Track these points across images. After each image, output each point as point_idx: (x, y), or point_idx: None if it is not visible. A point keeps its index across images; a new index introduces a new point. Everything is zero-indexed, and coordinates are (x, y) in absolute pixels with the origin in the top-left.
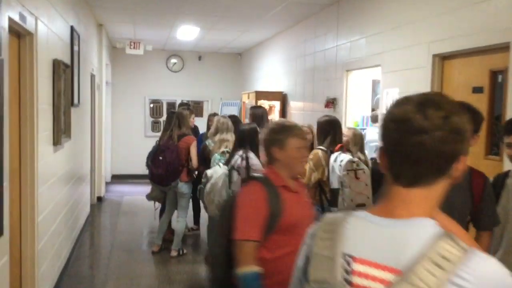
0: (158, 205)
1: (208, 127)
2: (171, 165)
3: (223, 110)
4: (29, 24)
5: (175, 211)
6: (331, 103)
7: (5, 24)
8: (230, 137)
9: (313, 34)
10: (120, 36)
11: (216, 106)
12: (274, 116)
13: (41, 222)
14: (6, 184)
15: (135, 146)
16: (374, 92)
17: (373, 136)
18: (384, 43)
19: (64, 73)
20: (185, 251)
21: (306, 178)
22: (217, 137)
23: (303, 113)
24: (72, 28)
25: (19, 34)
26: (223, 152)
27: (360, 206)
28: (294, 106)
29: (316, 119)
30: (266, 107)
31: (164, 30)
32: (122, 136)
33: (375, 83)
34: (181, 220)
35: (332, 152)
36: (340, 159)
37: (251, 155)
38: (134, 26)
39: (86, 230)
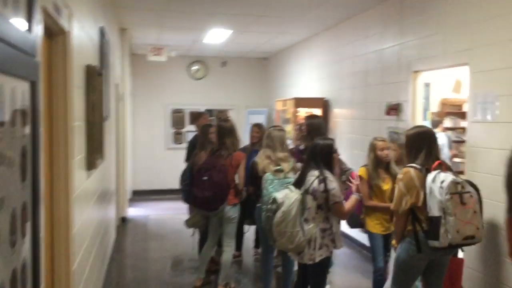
0: (192, 230)
1: (252, 140)
2: (219, 187)
3: (250, 119)
4: (64, 19)
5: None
6: (394, 109)
7: (39, 14)
8: (284, 154)
9: (363, 34)
10: (142, 42)
11: (242, 115)
12: None
13: (76, 269)
14: (41, 234)
15: (156, 159)
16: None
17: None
18: (472, 37)
19: (97, 82)
20: (233, 285)
21: (394, 203)
22: (268, 153)
23: (352, 122)
24: (101, 30)
25: (51, 32)
26: (277, 171)
27: (469, 239)
28: (339, 113)
29: (370, 127)
30: (303, 115)
31: (191, 34)
32: (143, 149)
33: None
34: (228, 250)
35: (428, 170)
36: (440, 179)
37: (329, 175)
38: (159, 30)
39: (114, 260)
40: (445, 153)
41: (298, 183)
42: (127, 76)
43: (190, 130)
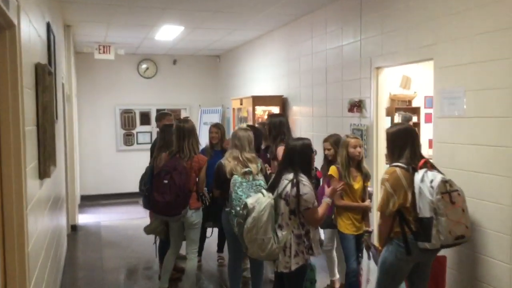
0: (153, 238)
1: (210, 141)
2: (181, 190)
3: (203, 118)
4: (12, 11)
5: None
6: (357, 106)
7: None
8: (252, 155)
9: (321, 30)
10: (88, 39)
11: (195, 114)
12: None
13: None
14: None
15: (106, 162)
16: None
17: None
18: (438, 32)
19: (48, 81)
20: None
21: (380, 205)
22: (236, 154)
23: (311, 119)
24: (48, 26)
25: None
26: (245, 173)
27: (460, 238)
28: (299, 111)
29: (331, 125)
30: (260, 113)
31: (141, 31)
32: (91, 152)
33: None
34: (192, 258)
35: (414, 169)
36: (428, 178)
37: (304, 179)
38: (107, 26)
39: (66, 273)
40: None
41: (272, 187)
42: (73, 76)
43: (142, 131)
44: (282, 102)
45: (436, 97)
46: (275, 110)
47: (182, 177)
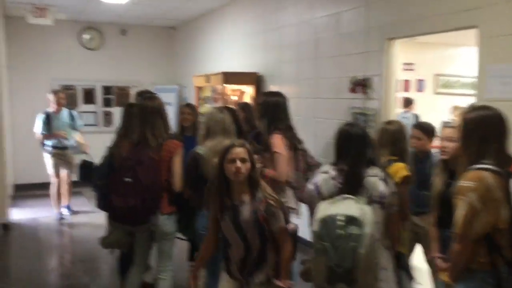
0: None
1: (183, 124)
2: (149, 191)
3: None
4: None
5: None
6: (361, 85)
7: None
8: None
9: None
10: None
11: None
12: None
13: None
14: None
15: None
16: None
17: None
18: None
19: None
20: None
21: (461, 225)
22: (211, 143)
23: (297, 101)
24: None
25: None
26: None
27: None
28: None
29: (322, 107)
30: (229, 93)
31: None
32: (24, 134)
33: None
34: (166, 276)
35: (510, 174)
36: None
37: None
38: None
39: None
40: None
41: (354, 188)
42: (1, 43)
43: (85, 111)
44: (257, 80)
45: (481, 76)
46: (248, 89)
47: (149, 173)
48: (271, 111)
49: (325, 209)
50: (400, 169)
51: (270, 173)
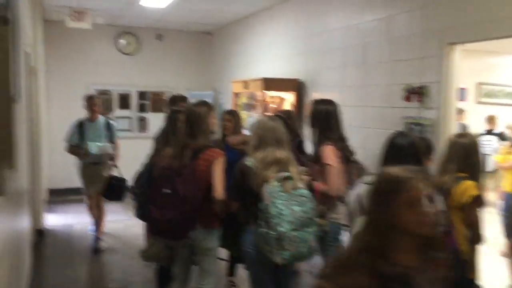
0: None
1: (224, 131)
2: (188, 203)
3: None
4: None
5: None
6: (418, 93)
7: None
8: (287, 153)
9: None
10: (59, 3)
11: None
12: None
13: None
14: None
15: None
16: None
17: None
18: None
19: (2, 32)
20: None
21: None
22: (264, 154)
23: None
24: None
25: None
26: (284, 179)
27: None
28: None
29: (371, 116)
30: (268, 99)
31: None
32: (59, 139)
33: None
34: None
35: None
36: None
37: None
38: None
39: None
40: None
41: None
42: (40, 46)
43: (120, 116)
44: (298, 87)
45: None
46: (289, 96)
47: (189, 184)
48: (323, 120)
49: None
50: (469, 188)
51: (320, 186)
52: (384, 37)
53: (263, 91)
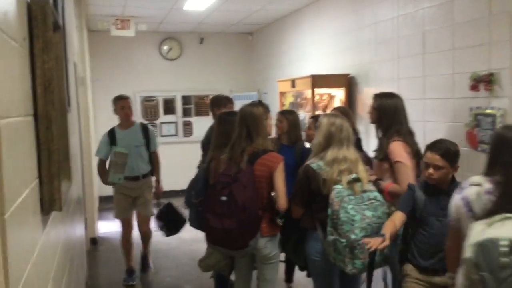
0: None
1: (279, 133)
2: (246, 211)
3: (235, 105)
4: None
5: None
6: (486, 82)
7: None
8: (355, 153)
9: None
10: (103, 12)
11: None
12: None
13: None
14: None
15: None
16: None
17: None
18: None
19: (53, 38)
20: None
21: None
22: (331, 154)
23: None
24: None
25: None
26: (353, 181)
27: None
28: (372, 93)
29: (434, 110)
30: (316, 98)
31: (168, 0)
32: None
33: None
34: None
35: None
36: None
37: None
38: None
39: None
40: None
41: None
42: (86, 56)
43: (165, 121)
44: (348, 82)
45: None
46: (339, 92)
47: (247, 191)
48: (391, 114)
49: (481, 231)
50: None
51: (391, 187)
52: (445, 24)
53: (313, 88)
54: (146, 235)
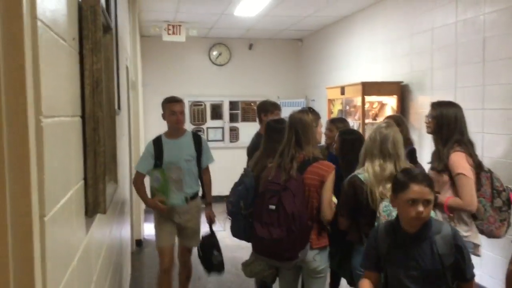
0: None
1: (328, 142)
2: (296, 221)
3: (283, 112)
4: None
5: None
6: None
7: None
8: (403, 165)
9: None
10: (156, 17)
11: None
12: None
13: None
14: None
15: None
16: None
17: None
18: None
19: (104, 39)
20: None
21: None
22: (377, 166)
23: None
24: None
25: None
26: None
27: None
28: (428, 102)
29: (489, 120)
30: (367, 106)
31: (219, 5)
32: None
33: None
34: None
35: None
36: None
37: None
38: (178, 0)
39: None
40: None
41: None
42: (138, 60)
43: (212, 127)
44: (401, 90)
45: None
46: (390, 100)
47: (296, 200)
48: (451, 124)
49: None
50: None
51: (451, 200)
52: (508, 30)
53: (364, 96)
54: (187, 269)
